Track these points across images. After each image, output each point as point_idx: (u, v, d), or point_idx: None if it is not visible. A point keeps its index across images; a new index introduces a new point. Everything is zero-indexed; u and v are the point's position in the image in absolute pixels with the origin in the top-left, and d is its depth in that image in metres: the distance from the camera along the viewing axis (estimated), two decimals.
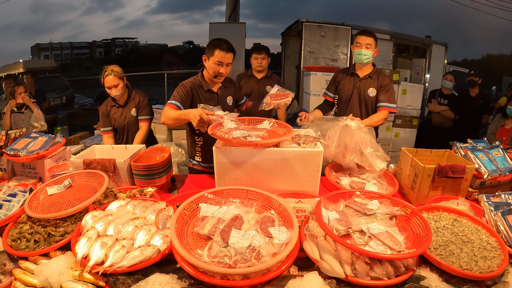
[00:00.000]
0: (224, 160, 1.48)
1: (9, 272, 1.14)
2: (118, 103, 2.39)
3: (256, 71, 2.98)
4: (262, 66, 2.92)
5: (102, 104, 2.44)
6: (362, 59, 2.22)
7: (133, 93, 2.43)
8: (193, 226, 1.14)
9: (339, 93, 2.39)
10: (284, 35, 6.66)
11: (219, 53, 1.84)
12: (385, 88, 2.26)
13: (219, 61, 1.86)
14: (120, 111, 2.40)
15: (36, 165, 1.76)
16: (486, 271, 1.02)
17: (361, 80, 2.30)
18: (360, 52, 2.21)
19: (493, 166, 1.63)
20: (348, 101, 2.34)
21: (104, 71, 2.27)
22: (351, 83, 2.33)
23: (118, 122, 2.40)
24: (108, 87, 2.28)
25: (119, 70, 2.29)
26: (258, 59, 2.91)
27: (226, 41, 1.88)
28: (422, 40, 6.17)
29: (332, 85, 2.45)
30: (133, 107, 2.41)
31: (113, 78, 2.25)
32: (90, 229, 1.15)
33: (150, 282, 0.97)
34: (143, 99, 2.42)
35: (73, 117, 7.51)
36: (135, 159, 1.68)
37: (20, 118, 3.43)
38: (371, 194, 1.32)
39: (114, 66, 2.30)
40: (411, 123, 4.54)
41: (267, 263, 0.94)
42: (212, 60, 1.87)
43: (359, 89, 2.30)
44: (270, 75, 3.00)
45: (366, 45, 2.19)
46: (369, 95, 2.28)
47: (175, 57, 27.12)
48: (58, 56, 32.48)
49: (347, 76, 2.37)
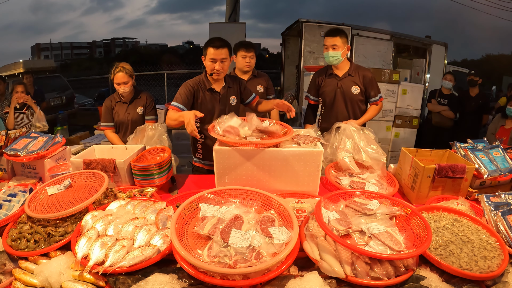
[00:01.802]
0: (224, 160, 1.48)
1: (9, 272, 1.14)
2: (124, 100, 2.44)
3: (242, 71, 2.62)
4: (250, 65, 2.58)
5: (107, 99, 2.48)
6: (331, 60, 2.23)
7: (140, 93, 2.50)
8: (193, 226, 1.14)
9: (322, 95, 2.37)
10: (284, 35, 6.66)
11: (211, 50, 1.86)
12: (369, 82, 2.27)
13: (213, 58, 1.87)
14: (125, 108, 2.44)
15: (36, 165, 1.76)
16: (486, 271, 1.02)
17: (341, 80, 2.28)
18: (327, 54, 2.22)
19: (493, 166, 1.63)
20: (332, 102, 2.33)
21: (116, 67, 2.32)
22: (332, 84, 2.31)
23: (121, 117, 2.43)
24: (118, 83, 2.33)
25: (130, 68, 2.35)
26: (247, 58, 2.55)
27: (219, 38, 1.90)
28: (422, 40, 6.18)
29: (313, 89, 2.42)
30: (140, 106, 2.46)
31: (123, 75, 2.31)
32: (90, 229, 1.15)
33: (150, 282, 0.97)
34: (151, 100, 2.50)
35: (73, 117, 7.51)
36: (135, 159, 1.68)
37: (22, 118, 3.43)
38: (371, 194, 1.32)
39: (125, 63, 2.36)
40: (411, 123, 4.54)
41: (267, 263, 0.94)
42: (207, 58, 1.89)
43: (342, 89, 2.28)
44: (257, 74, 2.68)
45: (332, 46, 2.18)
46: (353, 93, 2.27)
47: (175, 57, 27.14)
48: (58, 56, 32.48)
49: (327, 78, 2.34)
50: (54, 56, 31.78)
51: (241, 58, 2.56)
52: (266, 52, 37.20)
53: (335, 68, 2.31)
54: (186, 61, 17.28)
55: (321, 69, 2.45)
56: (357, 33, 5.18)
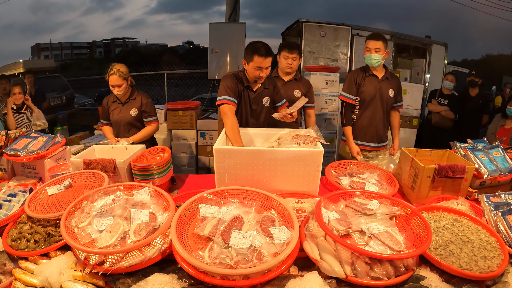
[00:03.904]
0: (224, 161, 1.48)
1: (9, 272, 1.14)
2: (119, 100, 2.43)
3: (283, 72, 2.49)
4: (292, 67, 2.43)
5: (105, 98, 2.50)
6: (373, 63, 2.30)
7: (135, 93, 2.44)
8: (193, 226, 1.14)
9: (362, 94, 2.40)
10: (284, 35, 6.65)
11: (257, 59, 1.85)
12: (399, 88, 2.45)
13: (259, 67, 1.88)
14: (120, 108, 2.43)
15: (36, 165, 1.76)
16: (486, 271, 1.02)
17: (381, 82, 2.37)
18: (370, 57, 2.27)
19: (493, 166, 1.63)
20: (371, 102, 2.38)
21: (110, 69, 2.27)
22: (373, 84, 2.37)
23: (115, 117, 2.43)
24: (112, 86, 2.31)
25: (124, 71, 2.29)
26: (289, 59, 2.41)
27: (263, 45, 1.89)
28: (422, 40, 6.17)
29: (353, 87, 2.41)
30: (134, 108, 2.42)
31: (117, 78, 2.26)
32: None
33: (150, 282, 0.97)
34: (146, 101, 2.43)
35: (73, 117, 7.51)
36: (135, 159, 1.68)
37: (21, 118, 3.44)
38: (371, 194, 1.32)
39: (120, 65, 2.30)
40: (411, 123, 4.53)
41: (269, 263, 0.94)
42: (252, 65, 1.89)
43: (381, 90, 2.36)
44: (299, 77, 2.51)
45: (375, 49, 2.25)
46: (390, 95, 2.39)
47: (175, 57, 27.11)
48: (58, 56, 32.45)
49: (367, 77, 2.39)
50: (54, 56, 31.75)
51: (283, 58, 2.45)
52: None
53: (373, 70, 2.37)
54: (186, 61, 17.25)
55: (357, 69, 2.48)
56: (357, 33, 5.17)
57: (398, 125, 2.53)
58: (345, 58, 5.21)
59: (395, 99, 2.44)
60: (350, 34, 5.13)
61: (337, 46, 5.15)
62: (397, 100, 2.46)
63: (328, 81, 3.93)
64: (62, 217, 1.13)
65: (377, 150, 2.46)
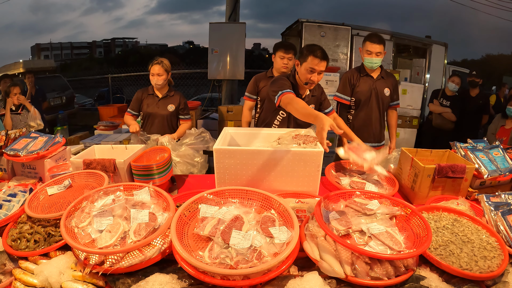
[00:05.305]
0: (224, 161, 1.48)
1: (9, 272, 1.14)
2: (156, 94, 2.53)
3: (279, 72, 2.47)
4: (288, 67, 2.44)
5: (139, 90, 2.59)
6: (374, 66, 2.30)
7: (173, 91, 2.58)
8: (193, 226, 1.14)
9: (357, 95, 2.39)
10: (284, 35, 6.66)
11: (312, 59, 1.77)
12: (395, 87, 2.42)
13: (312, 68, 1.79)
14: (156, 101, 2.52)
15: (36, 165, 1.76)
16: (486, 271, 1.02)
17: (376, 81, 2.36)
18: (371, 60, 2.27)
19: (493, 166, 1.63)
20: (367, 103, 2.38)
21: (155, 59, 2.44)
22: (368, 84, 2.36)
23: (149, 108, 2.51)
24: (152, 74, 2.43)
25: (167, 63, 2.46)
26: (285, 59, 2.41)
27: (320, 48, 1.81)
28: (422, 40, 6.17)
29: (347, 88, 2.42)
30: (171, 104, 2.54)
31: (159, 68, 2.41)
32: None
33: (150, 282, 0.97)
34: (184, 101, 2.59)
35: (73, 117, 7.51)
36: (135, 159, 1.68)
37: (18, 119, 3.43)
38: (371, 194, 1.32)
39: (165, 59, 2.46)
40: (411, 123, 4.54)
41: (269, 263, 0.94)
42: (305, 66, 1.81)
43: (376, 90, 2.35)
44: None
45: (376, 53, 2.24)
46: (385, 95, 2.38)
47: (175, 57, 27.09)
48: (58, 56, 32.49)
49: (362, 77, 2.38)
50: (54, 56, 31.79)
51: (279, 58, 2.44)
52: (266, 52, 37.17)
53: (369, 70, 2.36)
54: (186, 61, 17.24)
55: (352, 70, 2.49)
56: (357, 33, 5.18)
57: (395, 124, 2.51)
58: (345, 58, 5.21)
59: (391, 98, 2.42)
60: (350, 34, 5.14)
61: (337, 46, 5.15)
62: (393, 99, 2.43)
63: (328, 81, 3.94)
64: (62, 217, 1.13)
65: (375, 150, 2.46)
